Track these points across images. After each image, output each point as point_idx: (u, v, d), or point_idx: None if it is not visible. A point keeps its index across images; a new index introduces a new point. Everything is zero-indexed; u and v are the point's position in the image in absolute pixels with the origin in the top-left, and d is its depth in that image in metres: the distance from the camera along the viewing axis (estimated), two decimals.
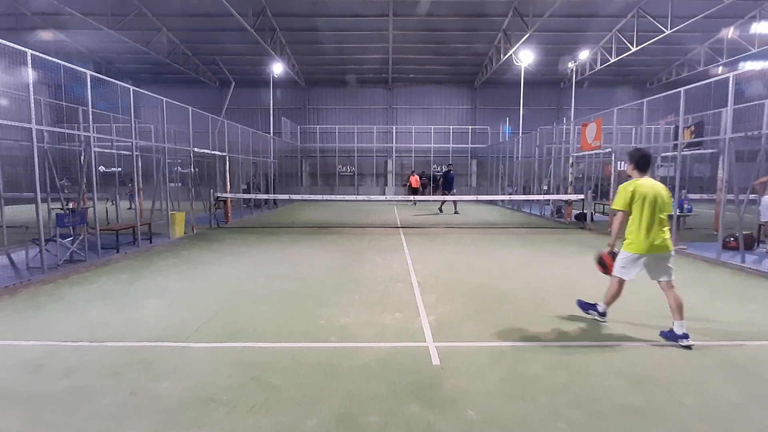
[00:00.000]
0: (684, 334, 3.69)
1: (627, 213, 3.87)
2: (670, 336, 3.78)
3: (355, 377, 3.17)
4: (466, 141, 27.04)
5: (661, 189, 3.84)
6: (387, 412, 2.70)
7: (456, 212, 16.24)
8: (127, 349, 3.68)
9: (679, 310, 3.72)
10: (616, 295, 4.13)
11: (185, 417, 2.65)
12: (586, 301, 4.51)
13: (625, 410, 2.74)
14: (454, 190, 16.20)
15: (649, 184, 3.84)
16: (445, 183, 16.25)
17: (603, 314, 4.29)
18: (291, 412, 2.71)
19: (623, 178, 4.75)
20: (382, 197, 22.13)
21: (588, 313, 4.41)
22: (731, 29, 18.60)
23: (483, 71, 24.81)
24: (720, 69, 21.23)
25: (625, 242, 3.95)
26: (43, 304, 4.96)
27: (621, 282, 4.05)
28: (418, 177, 22.10)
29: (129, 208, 15.18)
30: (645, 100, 10.14)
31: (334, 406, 2.77)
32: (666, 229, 3.82)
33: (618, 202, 3.92)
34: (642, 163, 3.94)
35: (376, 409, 2.73)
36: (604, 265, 4.20)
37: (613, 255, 4.11)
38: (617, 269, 4.02)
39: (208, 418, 2.64)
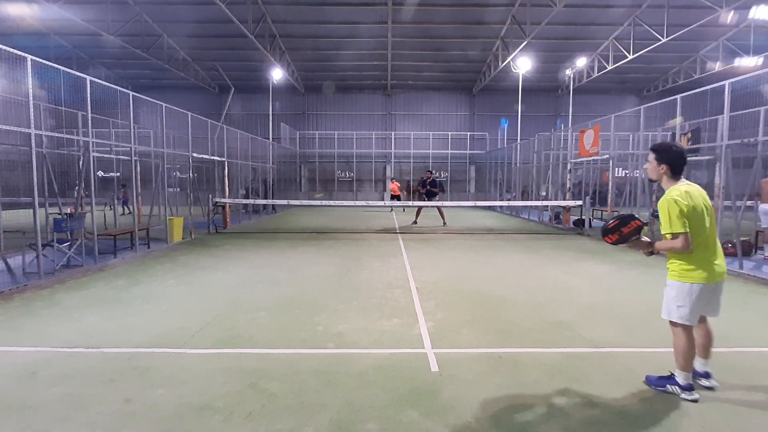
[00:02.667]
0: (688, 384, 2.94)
1: (688, 236, 2.81)
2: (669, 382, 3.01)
3: (353, 384, 3.15)
4: (464, 147, 27.10)
5: (706, 195, 3.00)
6: (385, 420, 2.68)
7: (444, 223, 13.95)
8: (122, 355, 3.64)
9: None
10: (690, 348, 2.93)
11: (181, 425, 2.62)
12: (658, 375, 3.15)
13: (624, 418, 2.73)
14: (437, 198, 14.34)
15: (696, 191, 2.93)
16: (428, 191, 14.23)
17: (687, 388, 2.93)
18: (288, 419, 2.68)
19: (621, 183, 4.39)
20: (381, 203, 22.14)
21: (667, 391, 3.01)
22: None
23: (481, 78, 24.95)
24: (717, 69, 21.38)
25: (678, 268, 2.92)
26: (39, 309, 4.92)
27: (687, 330, 2.93)
28: (413, 184, 22.06)
29: (122, 214, 15.17)
30: (642, 107, 10.21)
31: (331, 414, 2.74)
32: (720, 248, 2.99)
33: (677, 222, 2.80)
34: (678, 163, 2.99)
35: (374, 417, 2.71)
36: (617, 231, 3.14)
37: (637, 228, 3.11)
38: (673, 309, 2.93)
39: (204, 426, 2.61)
